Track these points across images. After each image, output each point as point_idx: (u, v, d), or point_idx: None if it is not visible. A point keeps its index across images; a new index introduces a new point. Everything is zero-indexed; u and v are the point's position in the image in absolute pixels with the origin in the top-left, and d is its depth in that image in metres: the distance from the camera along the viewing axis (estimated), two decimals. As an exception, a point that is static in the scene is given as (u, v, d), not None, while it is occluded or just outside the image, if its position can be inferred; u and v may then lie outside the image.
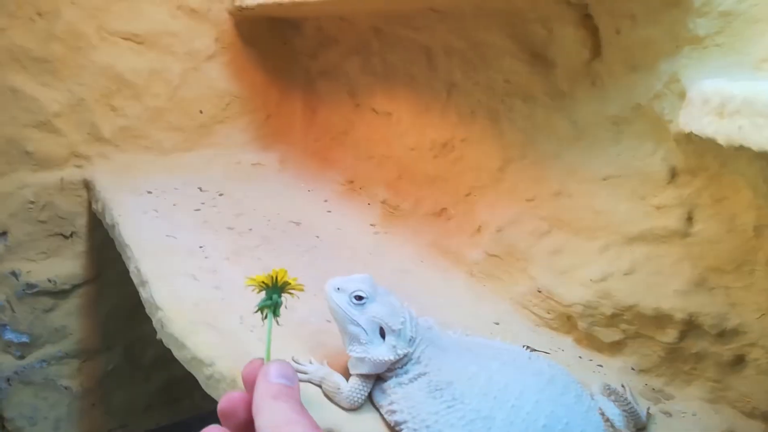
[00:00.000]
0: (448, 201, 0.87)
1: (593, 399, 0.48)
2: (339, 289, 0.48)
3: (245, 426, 0.38)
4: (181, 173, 1.12)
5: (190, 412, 1.31)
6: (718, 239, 0.56)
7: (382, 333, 0.47)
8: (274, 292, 0.43)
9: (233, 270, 0.72)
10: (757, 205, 0.52)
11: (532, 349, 0.59)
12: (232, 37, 1.19)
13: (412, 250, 0.86)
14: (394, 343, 0.46)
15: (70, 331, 1.16)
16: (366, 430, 0.46)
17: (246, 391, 0.40)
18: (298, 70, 1.28)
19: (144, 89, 1.12)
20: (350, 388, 0.47)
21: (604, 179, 0.65)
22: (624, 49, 0.60)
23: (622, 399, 0.50)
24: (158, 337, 0.61)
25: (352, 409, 0.47)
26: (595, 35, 0.64)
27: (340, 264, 0.79)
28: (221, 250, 0.78)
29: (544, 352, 0.61)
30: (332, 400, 0.47)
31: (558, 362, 0.51)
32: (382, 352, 0.46)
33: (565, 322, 0.66)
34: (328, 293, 0.48)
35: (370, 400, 0.48)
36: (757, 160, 0.44)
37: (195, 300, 0.62)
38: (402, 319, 0.47)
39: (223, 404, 0.39)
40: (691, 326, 0.57)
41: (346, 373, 0.48)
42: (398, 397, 0.46)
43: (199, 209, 0.95)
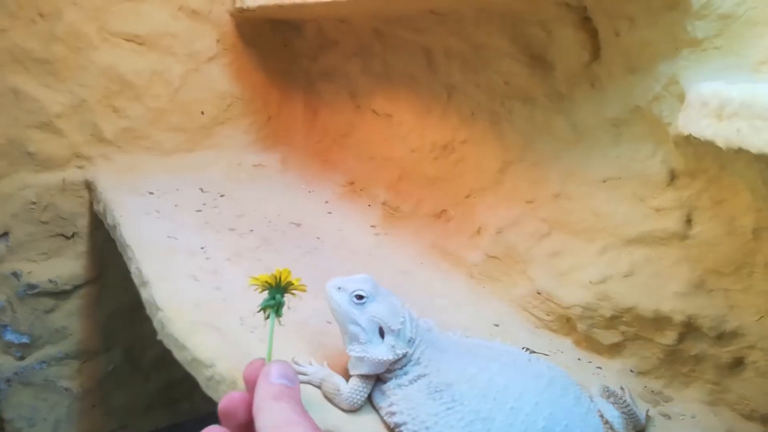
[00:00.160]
0: (449, 202, 0.87)
1: (592, 401, 0.48)
2: (340, 289, 0.48)
3: (245, 426, 0.38)
4: (183, 174, 1.12)
5: (190, 413, 1.31)
6: (717, 241, 0.56)
7: (382, 333, 0.47)
8: (278, 292, 0.44)
9: (234, 271, 0.72)
10: (756, 208, 0.52)
11: (531, 350, 0.60)
12: (233, 39, 1.19)
13: (413, 252, 0.86)
14: (393, 343, 0.46)
15: (71, 332, 1.16)
16: (366, 431, 0.46)
17: (247, 391, 0.40)
18: (299, 72, 1.28)
19: (145, 90, 1.12)
20: (350, 390, 0.47)
21: (604, 181, 0.65)
22: (623, 52, 0.60)
23: (621, 401, 0.50)
24: (159, 337, 0.61)
25: (352, 410, 0.47)
26: (595, 37, 0.64)
27: (341, 265, 0.79)
28: (222, 250, 0.78)
29: (544, 353, 0.61)
30: (332, 402, 0.48)
31: (557, 364, 0.51)
32: (380, 352, 0.46)
33: (565, 323, 0.66)
34: (329, 292, 0.48)
35: (370, 402, 0.48)
36: (756, 162, 0.44)
37: (196, 301, 0.62)
38: (401, 320, 0.47)
39: (223, 404, 0.39)
40: (690, 328, 0.57)
41: (346, 375, 0.48)
42: (398, 399, 0.46)
43: (201, 210, 0.95)
